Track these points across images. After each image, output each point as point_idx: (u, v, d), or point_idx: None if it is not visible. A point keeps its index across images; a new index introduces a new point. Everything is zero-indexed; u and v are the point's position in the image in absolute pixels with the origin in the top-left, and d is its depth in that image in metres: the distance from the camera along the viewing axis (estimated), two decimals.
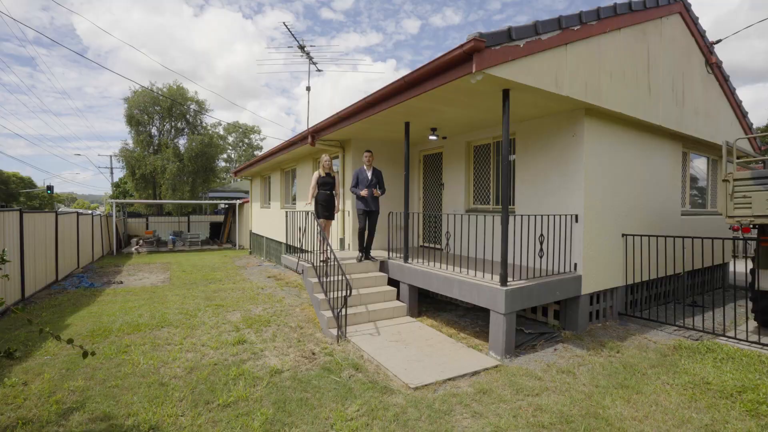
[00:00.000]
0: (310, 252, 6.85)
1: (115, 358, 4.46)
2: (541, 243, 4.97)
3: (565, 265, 5.36)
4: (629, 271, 5.98)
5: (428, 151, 8.39)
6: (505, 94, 4.48)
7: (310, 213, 6.64)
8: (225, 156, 41.94)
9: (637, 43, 5.58)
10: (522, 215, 5.30)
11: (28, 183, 33.90)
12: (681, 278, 7.17)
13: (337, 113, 6.36)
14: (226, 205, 20.75)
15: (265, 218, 14.11)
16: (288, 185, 12.19)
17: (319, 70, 15.54)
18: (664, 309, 6.33)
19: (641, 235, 5.79)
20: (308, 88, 15.15)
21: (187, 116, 23.09)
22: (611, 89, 5.19)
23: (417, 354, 4.51)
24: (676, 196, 7.06)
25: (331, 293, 5.51)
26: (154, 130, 23.06)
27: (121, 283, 9.86)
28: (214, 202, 20.42)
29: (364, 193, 6.30)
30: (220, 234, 20.04)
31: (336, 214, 6.93)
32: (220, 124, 42.66)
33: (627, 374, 4.03)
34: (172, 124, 22.89)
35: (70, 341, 2.52)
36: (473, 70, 3.75)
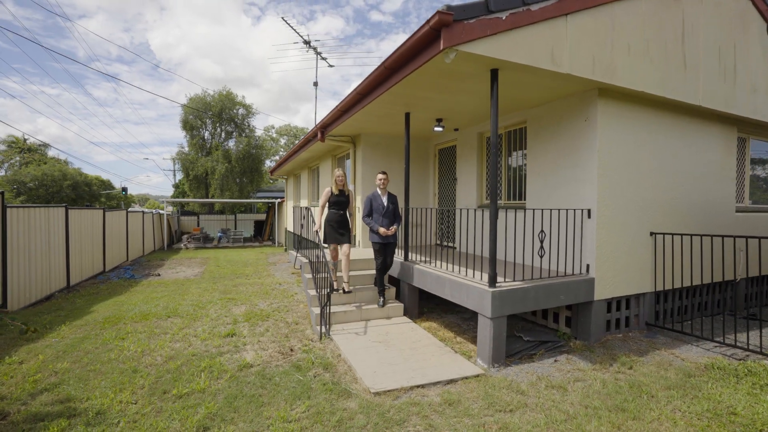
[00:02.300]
0: (311, 249, 6.80)
1: (109, 344, 4.70)
2: (542, 240, 4.43)
3: (574, 266, 4.76)
4: (659, 275, 5.16)
5: (443, 144, 7.99)
6: (494, 74, 4.05)
7: (310, 210, 6.58)
8: (277, 158, 43.95)
9: (665, 8, 4.79)
10: (527, 210, 4.79)
11: (108, 185, 38.14)
12: (737, 286, 6.09)
13: (337, 106, 6.24)
14: (270, 204, 21.65)
15: (296, 215, 14.45)
16: (315, 183, 12.35)
17: (330, 66, 15.60)
18: (709, 321, 5.41)
19: (675, 234, 4.98)
20: (315, 84, 15.28)
21: (236, 120, 24.50)
22: (630, 65, 4.50)
23: (395, 357, 4.23)
24: (729, 189, 6.00)
25: (322, 290, 5.39)
26: (206, 135, 24.78)
27: (159, 275, 10.59)
28: (259, 200, 21.43)
29: (382, 231, 5.37)
30: (262, 231, 20.95)
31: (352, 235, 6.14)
32: (273, 128, 44.81)
33: (631, 395, 3.43)
34: (222, 127, 24.42)
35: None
36: (441, 47, 3.40)
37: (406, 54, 3.95)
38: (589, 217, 4.70)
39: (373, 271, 6.27)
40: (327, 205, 5.74)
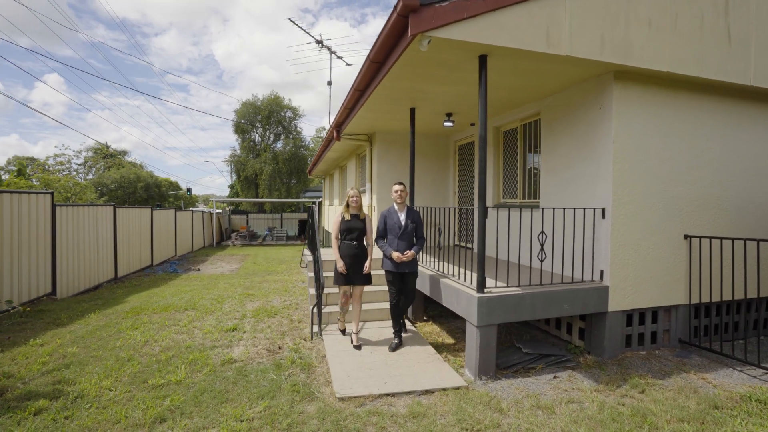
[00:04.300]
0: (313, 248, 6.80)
1: (122, 333, 5.05)
2: (542, 243, 4.00)
3: (584, 272, 4.24)
4: (696, 285, 4.44)
5: (462, 140, 7.61)
6: (482, 61, 3.72)
7: (315, 205, 6.57)
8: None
9: None
10: (538, 209, 4.37)
11: (176, 186, 41.87)
12: None
13: (343, 104, 6.17)
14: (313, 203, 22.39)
15: (330, 215, 14.70)
16: (344, 182, 12.45)
17: (348, 64, 15.54)
18: (763, 343, 4.55)
19: (715, 237, 4.24)
20: (329, 83, 15.30)
21: (283, 122, 25.63)
22: (651, 42, 3.90)
23: (377, 362, 4.05)
24: None
25: (318, 289, 5.36)
26: (257, 137, 26.22)
27: (199, 270, 11.32)
28: (303, 200, 22.22)
29: (395, 256, 4.28)
30: (305, 230, 21.66)
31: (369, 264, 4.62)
32: (324, 129, 46.25)
33: (629, 425, 2.95)
34: (271, 130, 25.68)
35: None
36: (409, 35, 3.18)
37: (384, 44, 3.77)
38: (603, 217, 4.16)
39: (382, 272, 6.10)
40: (339, 234, 4.56)
